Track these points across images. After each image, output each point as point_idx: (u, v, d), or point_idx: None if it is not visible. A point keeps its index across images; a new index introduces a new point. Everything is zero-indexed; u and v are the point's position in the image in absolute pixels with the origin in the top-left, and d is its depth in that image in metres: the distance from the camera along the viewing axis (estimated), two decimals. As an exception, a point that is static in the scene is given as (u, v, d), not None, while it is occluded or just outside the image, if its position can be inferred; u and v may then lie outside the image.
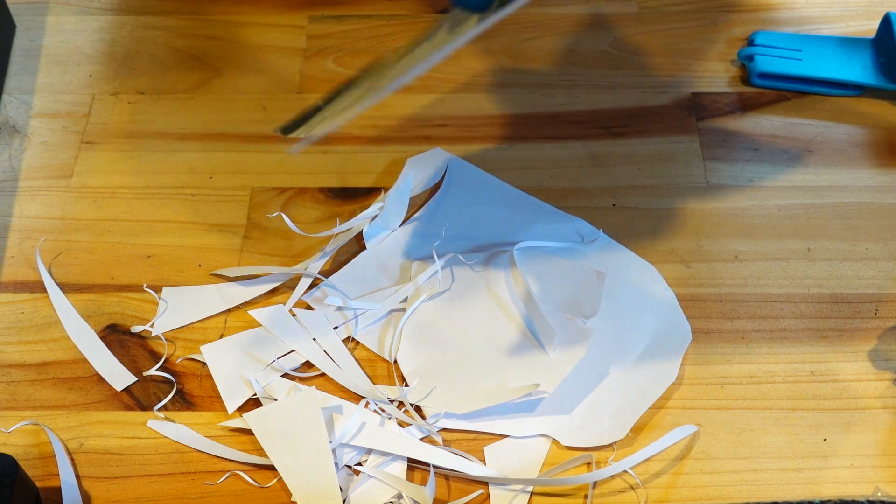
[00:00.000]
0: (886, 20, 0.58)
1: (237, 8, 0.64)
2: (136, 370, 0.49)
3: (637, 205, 0.54)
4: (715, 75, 0.60)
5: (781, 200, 0.54)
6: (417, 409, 0.47)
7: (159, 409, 0.47)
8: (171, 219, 0.54)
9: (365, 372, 0.49)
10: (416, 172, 0.55)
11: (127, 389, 0.48)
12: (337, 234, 0.53)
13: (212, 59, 0.61)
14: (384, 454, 0.46)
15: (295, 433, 0.45)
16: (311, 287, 0.51)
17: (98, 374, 0.49)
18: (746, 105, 0.58)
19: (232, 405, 0.47)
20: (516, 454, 0.46)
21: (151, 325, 0.50)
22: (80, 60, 0.61)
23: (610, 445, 0.46)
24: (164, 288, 0.51)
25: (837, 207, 0.54)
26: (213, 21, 0.63)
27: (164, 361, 0.49)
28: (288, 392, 0.47)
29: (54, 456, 0.46)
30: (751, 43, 0.60)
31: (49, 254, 0.53)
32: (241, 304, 0.51)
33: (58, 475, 0.45)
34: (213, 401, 0.48)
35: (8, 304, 0.51)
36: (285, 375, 0.48)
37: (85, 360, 0.49)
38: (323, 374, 0.48)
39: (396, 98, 0.59)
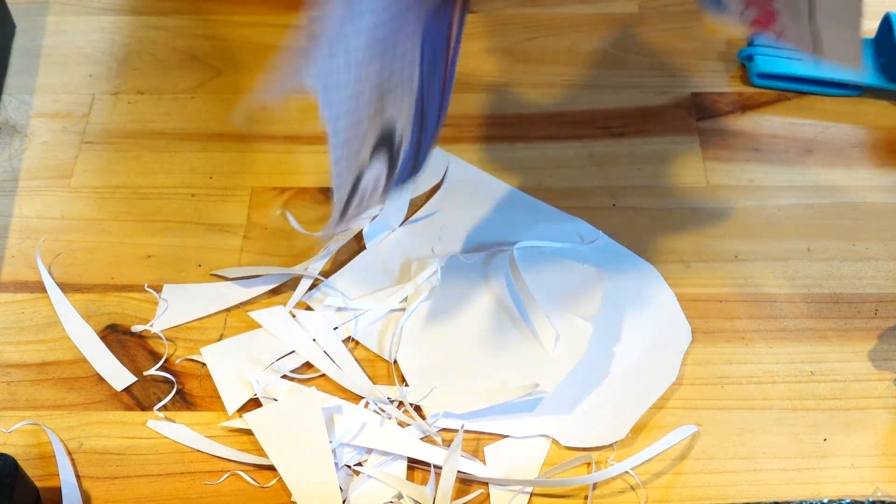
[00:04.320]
0: (886, 20, 0.58)
1: (237, 8, 0.64)
2: (136, 370, 0.49)
3: (637, 205, 0.54)
4: (715, 75, 0.60)
5: (781, 200, 0.54)
6: (417, 409, 0.47)
7: (159, 409, 0.47)
8: (171, 219, 0.54)
9: (365, 372, 0.49)
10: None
11: (127, 389, 0.48)
12: (337, 234, 0.53)
13: (212, 59, 0.61)
14: (384, 454, 0.46)
15: (295, 433, 0.45)
16: (311, 287, 0.51)
17: (98, 374, 0.49)
18: (746, 105, 0.58)
19: (232, 406, 0.47)
20: (516, 454, 0.46)
21: (151, 325, 0.50)
22: (80, 60, 0.61)
23: (610, 445, 0.46)
24: (164, 286, 0.51)
25: (837, 207, 0.54)
26: (213, 21, 0.63)
27: (164, 361, 0.49)
28: (288, 392, 0.47)
29: (54, 456, 0.46)
30: (751, 43, 0.60)
31: (49, 254, 0.53)
32: (241, 304, 0.51)
33: (58, 475, 0.45)
34: (213, 401, 0.48)
35: (8, 304, 0.51)
36: (285, 376, 0.48)
37: (85, 360, 0.49)
38: (323, 375, 0.48)
39: (396, 98, 0.59)
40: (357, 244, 0.53)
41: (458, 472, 0.45)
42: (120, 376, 0.48)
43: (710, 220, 0.54)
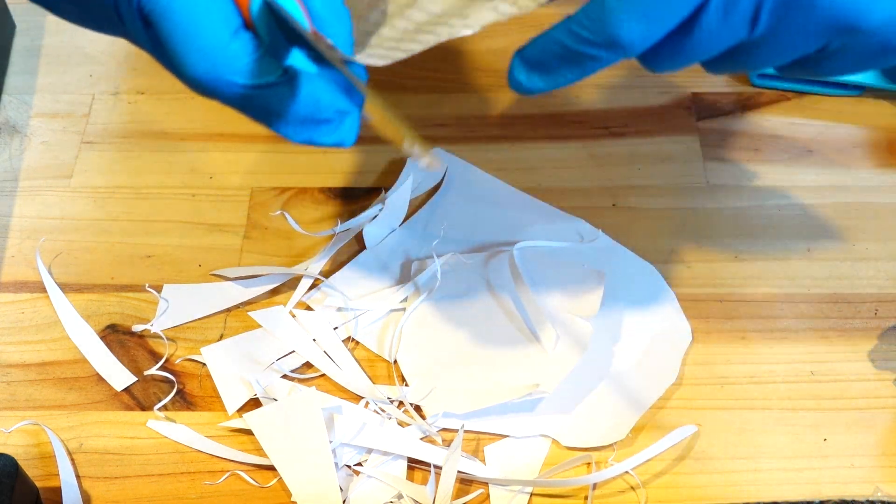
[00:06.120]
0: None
1: (237, 8, 0.64)
2: (136, 370, 0.49)
3: (637, 205, 0.54)
4: (715, 75, 0.60)
5: (781, 200, 0.54)
6: (417, 409, 0.47)
7: (159, 409, 0.47)
8: (171, 219, 0.54)
9: (365, 372, 0.49)
10: (417, 172, 0.55)
11: (127, 389, 0.48)
12: (337, 234, 0.53)
13: (212, 59, 0.61)
14: (384, 454, 0.46)
15: (295, 433, 0.45)
16: (311, 287, 0.51)
17: (98, 374, 0.49)
18: (746, 105, 0.58)
19: (232, 406, 0.47)
20: (516, 454, 0.46)
21: (151, 325, 0.50)
22: (80, 60, 0.61)
23: (610, 445, 0.46)
24: (164, 286, 0.51)
25: (837, 207, 0.54)
26: (213, 21, 0.63)
27: (165, 361, 0.49)
28: (288, 392, 0.47)
29: (54, 456, 0.46)
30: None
31: (49, 254, 0.53)
32: (241, 304, 0.51)
33: (58, 475, 0.45)
34: (213, 401, 0.48)
35: (8, 304, 0.51)
36: (285, 376, 0.48)
37: (85, 360, 0.49)
38: (323, 375, 0.48)
39: (396, 98, 0.59)
40: (357, 244, 0.53)
41: (458, 472, 0.45)
42: (120, 376, 0.48)
43: (710, 220, 0.54)
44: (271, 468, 0.45)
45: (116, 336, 0.50)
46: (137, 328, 0.50)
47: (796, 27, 0.32)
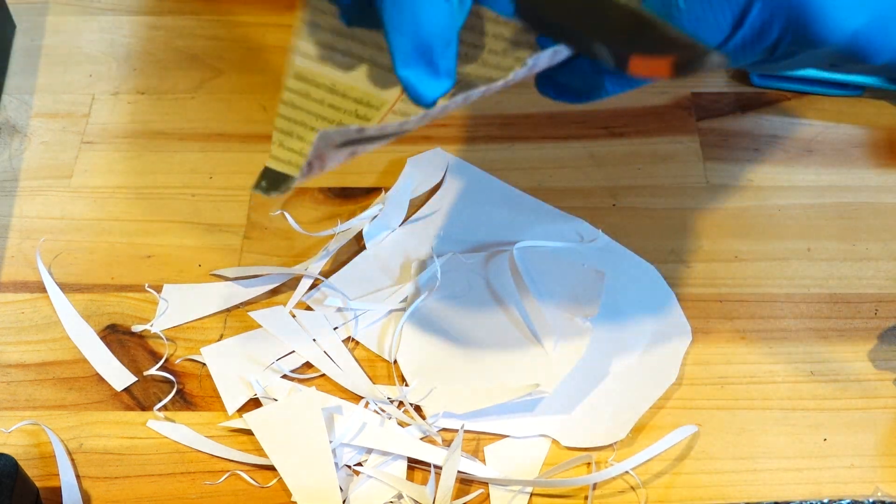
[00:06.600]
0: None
1: (237, 8, 0.64)
2: (136, 370, 0.49)
3: (637, 205, 0.54)
4: (715, 75, 0.60)
5: (781, 200, 0.54)
6: (417, 408, 0.47)
7: (159, 409, 0.47)
8: (171, 219, 0.54)
9: (365, 372, 0.49)
10: (417, 172, 0.55)
11: (127, 389, 0.48)
12: (337, 234, 0.53)
13: (212, 59, 0.61)
14: (384, 454, 0.46)
15: (295, 433, 0.45)
16: (311, 287, 0.51)
17: (98, 374, 0.49)
18: (746, 105, 0.58)
19: (232, 406, 0.47)
20: (516, 454, 0.46)
21: (151, 325, 0.50)
22: (80, 60, 0.61)
23: (610, 445, 0.46)
24: (164, 286, 0.51)
25: (837, 207, 0.54)
26: (213, 21, 0.63)
27: (164, 361, 0.49)
28: (288, 393, 0.47)
29: (54, 456, 0.46)
30: (751, 43, 0.60)
31: (49, 254, 0.53)
32: (241, 304, 0.51)
33: (58, 475, 0.45)
34: (213, 401, 0.48)
35: (8, 304, 0.51)
36: (285, 376, 0.48)
37: (85, 360, 0.49)
38: (323, 375, 0.48)
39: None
40: (357, 244, 0.53)
41: (458, 472, 0.45)
42: (120, 376, 0.49)
43: (710, 220, 0.54)
44: (271, 468, 0.45)
45: (116, 336, 0.50)
46: (137, 328, 0.50)
47: (810, 55, 0.35)
